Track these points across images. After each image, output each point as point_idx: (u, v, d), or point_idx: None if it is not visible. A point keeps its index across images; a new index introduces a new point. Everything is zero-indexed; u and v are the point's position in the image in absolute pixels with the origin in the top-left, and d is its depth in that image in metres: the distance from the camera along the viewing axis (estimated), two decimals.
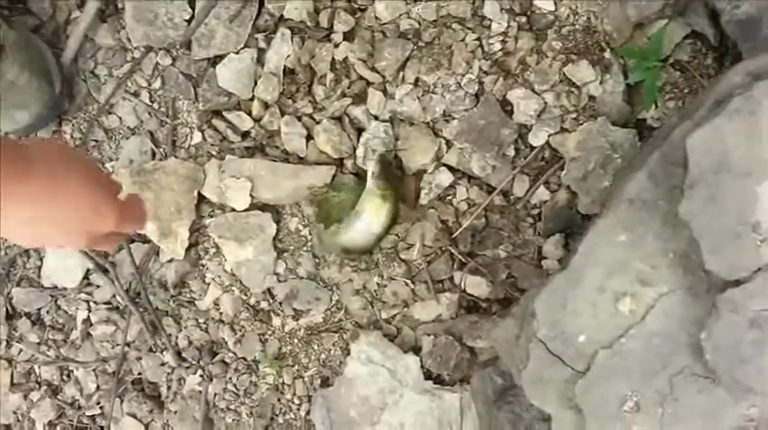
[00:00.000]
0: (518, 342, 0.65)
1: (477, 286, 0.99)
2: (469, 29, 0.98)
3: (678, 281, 0.58)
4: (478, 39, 0.97)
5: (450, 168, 0.99)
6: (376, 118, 1.00)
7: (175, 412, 1.06)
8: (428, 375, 0.99)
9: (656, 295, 0.59)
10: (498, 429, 0.71)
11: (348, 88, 1.00)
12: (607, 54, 0.96)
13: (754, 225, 0.53)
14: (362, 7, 0.98)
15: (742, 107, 0.54)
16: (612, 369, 0.59)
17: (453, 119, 0.98)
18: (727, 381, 0.56)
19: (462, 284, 1.00)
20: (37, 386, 1.12)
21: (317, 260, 1.02)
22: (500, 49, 0.97)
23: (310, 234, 1.02)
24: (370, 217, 0.95)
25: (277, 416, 1.03)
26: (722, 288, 0.55)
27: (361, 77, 1.00)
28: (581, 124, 0.95)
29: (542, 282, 0.64)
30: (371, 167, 0.93)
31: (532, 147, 0.98)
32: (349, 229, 0.97)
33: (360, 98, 1.00)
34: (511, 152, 0.98)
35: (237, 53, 1.00)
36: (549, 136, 0.96)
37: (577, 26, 0.96)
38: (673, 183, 0.57)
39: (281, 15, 0.99)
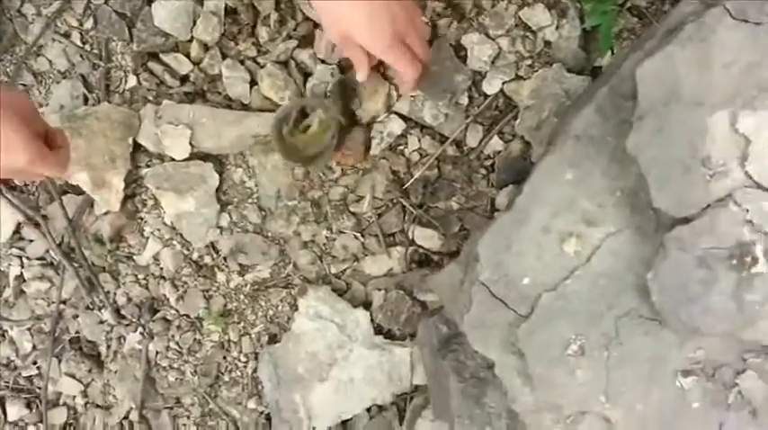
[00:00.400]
0: (462, 287, 0.62)
1: (429, 239, 0.96)
2: None
3: (625, 220, 0.56)
4: None
5: (402, 117, 0.95)
6: (323, 62, 0.94)
7: (116, 372, 1.01)
8: (378, 330, 0.96)
9: (602, 235, 0.56)
10: (443, 378, 0.69)
11: (294, 30, 0.95)
12: None
13: (704, 159, 0.51)
14: None
15: (694, 34, 0.51)
16: (556, 312, 0.57)
17: None
18: (674, 323, 0.54)
19: (413, 237, 0.96)
20: None
21: (263, 213, 0.98)
22: None
23: (256, 185, 0.97)
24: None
25: (222, 374, 0.99)
26: (670, 226, 0.52)
27: (307, 18, 0.94)
28: (536, 71, 0.92)
29: (486, 224, 0.61)
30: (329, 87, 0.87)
31: (486, 96, 0.94)
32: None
33: (306, 41, 0.94)
34: (464, 100, 0.94)
35: None
36: (503, 83, 0.92)
37: None
38: (622, 117, 0.54)
39: None
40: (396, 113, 0.95)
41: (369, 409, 0.97)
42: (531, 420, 0.58)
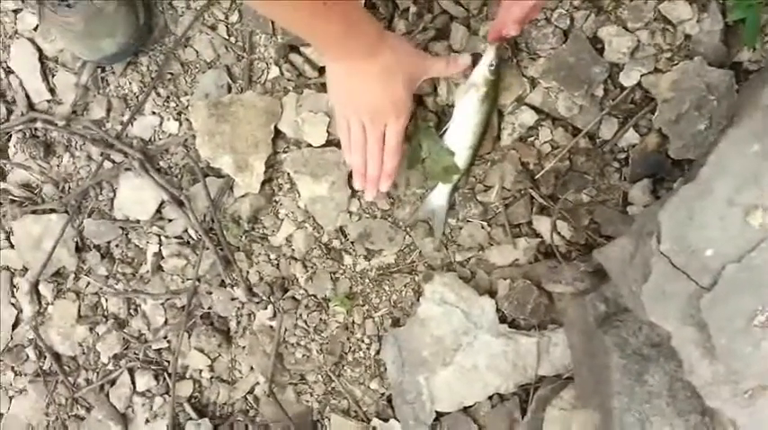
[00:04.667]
0: (632, 261, 0.63)
1: (558, 231, 0.97)
2: None
3: None
4: None
5: (534, 108, 0.96)
6: (457, 53, 0.97)
7: (243, 347, 1.06)
8: (503, 319, 0.97)
9: None
10: (602, 354, 0.69)
11: (430, 23, 0.98)
12: None
13: None
14: None
15: None
16: (741, 283, 0.57)
17: (540, 57, 0.96)
18: None
19: (541, 228, 0.97)
20: (104, 319, 1.13)
21: (391, 200, 1.01)
22: None
23: None
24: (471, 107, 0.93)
25: (346, 354, 1.03)
26: None
27: (444, 11, 0.98)
28: (675, 64, 0.93)
29: (663, 198, 0.61)
30: (488, 58, 0.90)
31: (623, 88, 0.95)
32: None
33: (442, 33, 0.98)
34: (600, 92, 0.95)
35: None
36: (641, 76, 0.93)
37: None
38: None
39: None
40: (528, 105, 0.97)
41: (490, 398, 0.97)
42: (707, 392, 0.58)
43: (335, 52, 0.85)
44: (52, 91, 1.10)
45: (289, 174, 1.02)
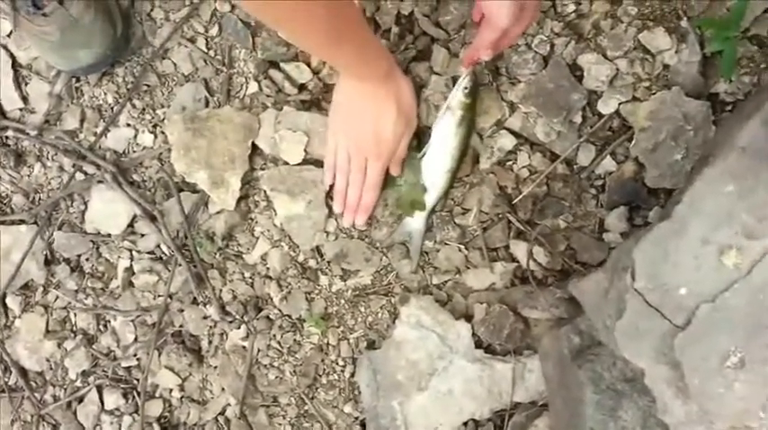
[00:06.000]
0: (607, 296, 0.62)
1: (534, 256, 0.96)
2: None
3: None
4: None
5: (513, 133, 0.96)
6: (437, 74, 0.97)
7: (215, 367, 1.03)
8: (478, 344, 0.97)
9: (762, 249, 0.56)
10: (576, 387, 0.69)
11: (412, 44, 0.98)
12: (684, 23, 0.93)
13: None
14: None
15: None
16: (715, 323, 0.57)
17: (519, 82, 0.95)
18: None
19: (517, 253, 0.97)
20: (72, 334, 1.10)
21: (369, 220, 0.99)
22: (573, 11, 0.95)
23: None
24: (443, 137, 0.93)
25: (320, 376, 1.01)
26: None
27: (424, 33, 0.97)
28: (653, 93, 0.93)
29: (638, 235, 0.61)
30: (463, 82, 0.90)
31: (600, 115, 0.95)
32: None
33: (423, 54, 0.97)
34: (578, 119, 0.95)
35: None
36: (619, 104, 0.94)
37: None
38: None
39: None
40: (507, 129, 0.97)
41: (465, 424, 0.96)
42: None
43: (349, 74, 0.89)
44: (25, 99, 1.07)
45: (265, 191, 1.00)
